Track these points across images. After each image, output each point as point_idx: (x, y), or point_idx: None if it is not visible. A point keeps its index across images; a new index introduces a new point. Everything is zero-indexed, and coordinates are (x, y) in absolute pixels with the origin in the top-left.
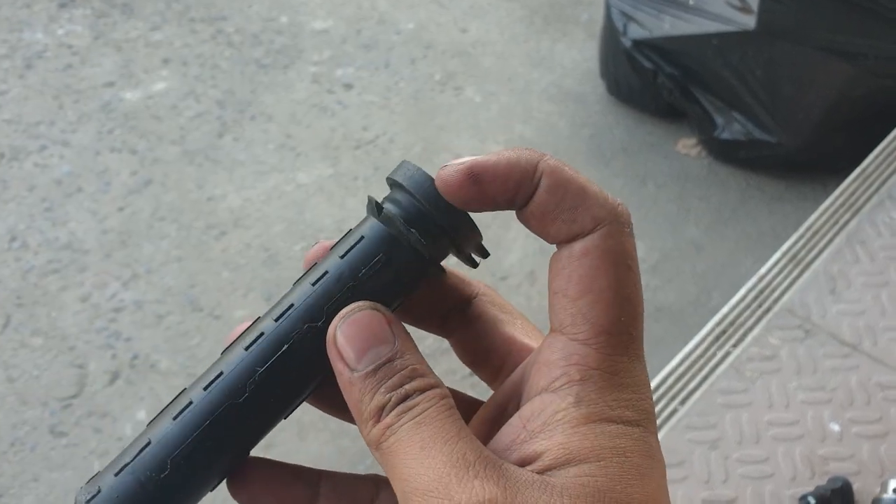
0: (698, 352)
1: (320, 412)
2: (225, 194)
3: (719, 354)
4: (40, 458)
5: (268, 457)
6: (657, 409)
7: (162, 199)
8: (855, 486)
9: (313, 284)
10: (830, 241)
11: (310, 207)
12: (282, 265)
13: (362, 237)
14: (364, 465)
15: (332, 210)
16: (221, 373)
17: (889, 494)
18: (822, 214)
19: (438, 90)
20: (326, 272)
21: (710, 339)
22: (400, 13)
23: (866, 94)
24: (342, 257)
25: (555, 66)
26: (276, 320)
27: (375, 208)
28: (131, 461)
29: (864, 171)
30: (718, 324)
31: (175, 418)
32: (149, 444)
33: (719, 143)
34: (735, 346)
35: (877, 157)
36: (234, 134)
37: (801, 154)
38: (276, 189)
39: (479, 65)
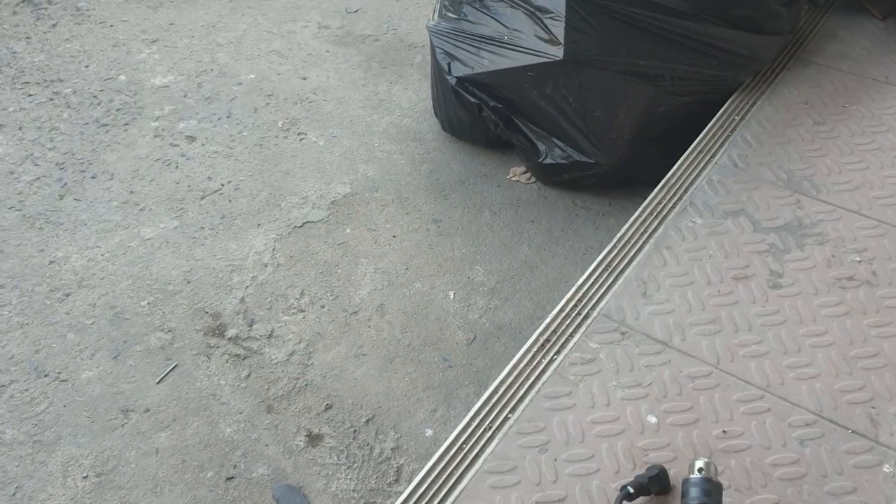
0: (525, 361)
1: (175, 466)
2: (68, 256)
3: (544, 362)
4: None
5: None
6: (490, 418)
7: (1, 267)
8: (672, 472)
9: None
10: (640, 248)
11: (156, 261)
12: (129, 321)
13: None
14: None
15: (178, 262)
16: None
17: (695, 474)
18: (632, 224)
19: (282, 136)
20: None
21: (535, 348)
22: (240, 65)
23: (668, 110)
24: None
25: (393, 107)
26: None
27: None
28: None
29: (668, 181)
30: (542, 333)
31: None
32: None
33: (544, 168)
34: (558, 352)
35: (679, 167)
36: (76, 195)
37: (618, 171)
38: (121, 246)
39: (320, 110)
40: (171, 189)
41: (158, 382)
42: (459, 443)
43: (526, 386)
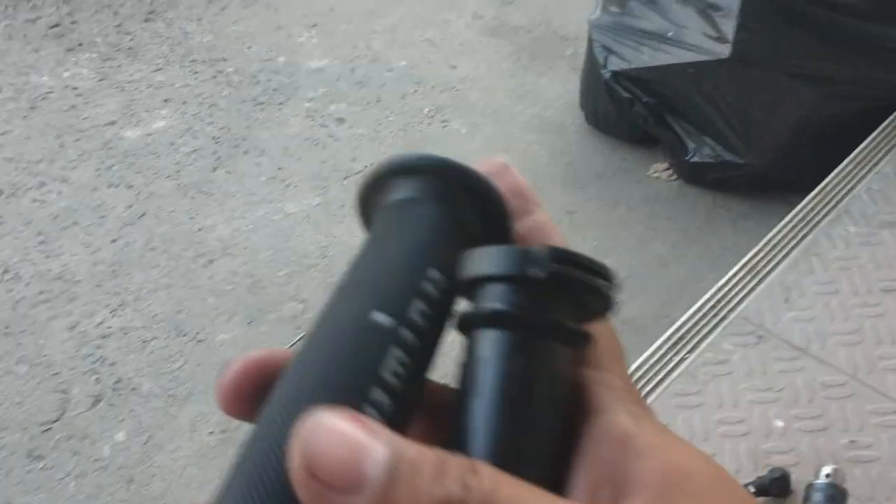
0: (655, 358)
1: None
2: (215, 225)
3: (675, 360)
4: (15, 482)
5: None
6: None
7: (154, 231)
8: (793, 476)
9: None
10: (788, 253)
11: (296, 235)
12: (266, 290)
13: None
14: None
15: (317, 237)
16: None
17: (821, 479)
18: (780, 229)
19: (427, 123)
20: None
21: (667, 345)
22: (393, 52)
23: (831, 115)
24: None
25: (538, 98)
26: None
27: (478, 317)
28: None
29: (824, 188)
30: (676, 331)
31: None
32: None
33: (690, 166)
34: (690, 351)
35: (837, 174)
36: (228, 168)
37: (767, 173)
38: (265, 218)
39: (466, 99)
40: (316, 168)
41: (290, 347)
42: None
43: (654, 382)
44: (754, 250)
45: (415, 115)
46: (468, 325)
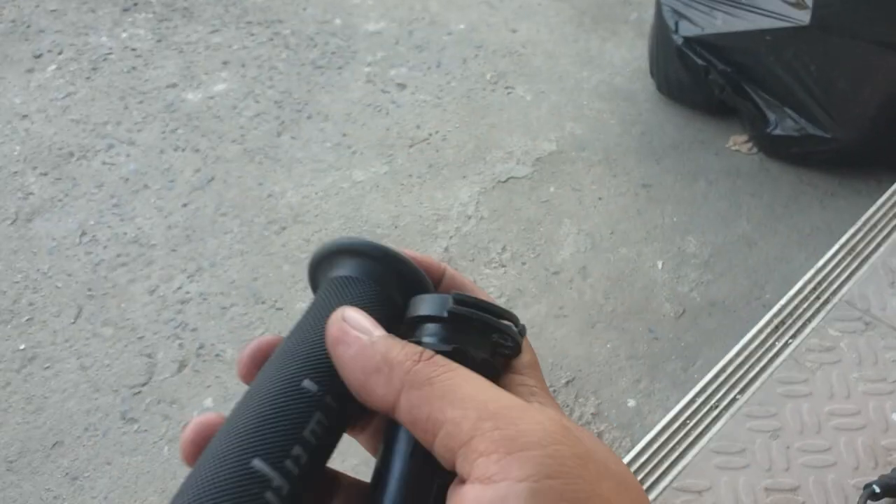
0: (756, 343)
1: None
2: (284, 191)
3: (778, 345)
4: (112, 442)
5: None
6: (717, 398)
7: (224, 196)
8: None
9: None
10: (888, 234)
11: (366, 204)
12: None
13: (395, 446)
14: None
15: (387, 206)
16: None
17: None
18: (879, 208)
19: (490, 89)
20: (376, 489)
21: (767, 329)
22: (451, 14)
23: None
24: (385, 470)
25: (604, 64)
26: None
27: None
28: None
29: None
30: (776, 315)
31: None
32: None
33: (771, 139)
34: (793, 337)
35: None
36: (292, 133)
37: (855, 149)
38: (334, 186)
39: (529, 64)
40: (381, 134)
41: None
42: (683, 418)
43: (757, 368)
44: (852, 230)
45: (477, 80)
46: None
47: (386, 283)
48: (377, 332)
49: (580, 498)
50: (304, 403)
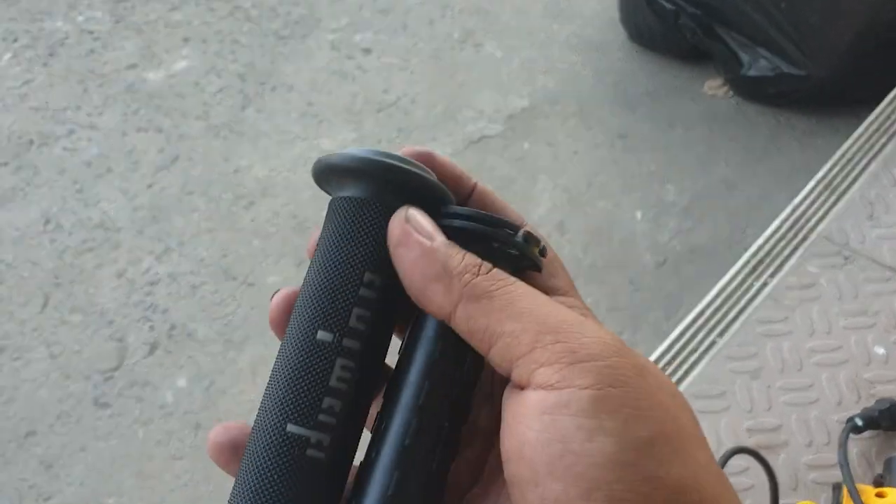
0: (734, 284)
1: None
2: (251, 165)
3: (756, 285)
4: (87, 428)
5: None
6: (695, 342)
7: (190, 174)
8: None
9: (396, 390)
10: (866, 167)
11: None
12: (311, 231)
13: (421, 332)
14: None
15: None
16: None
17: None
18: (855, 141)
19: (458, 48)
20: (402, 375)
21: (746, 270)
22: None
23: (895, 17)
24: (409, 356)
25: (574, 16)
26: (381, 438)
27: None
28: None
29: None
30: (754, 255)
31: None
32: None
33: (746, 81)
34: (772, 276)
35: None
36: (257, 106)
37: (831, 86)
38: (301, 157)
39: (497, 20)
40: (348, 101)
41: None
42: (662, 364)
43: (736, 310)
44: (828, 165)
45: (445, 40)
46: None
47: (399, 202)
48: (439, 237)
49: (641, 406)
50: (322, 355)
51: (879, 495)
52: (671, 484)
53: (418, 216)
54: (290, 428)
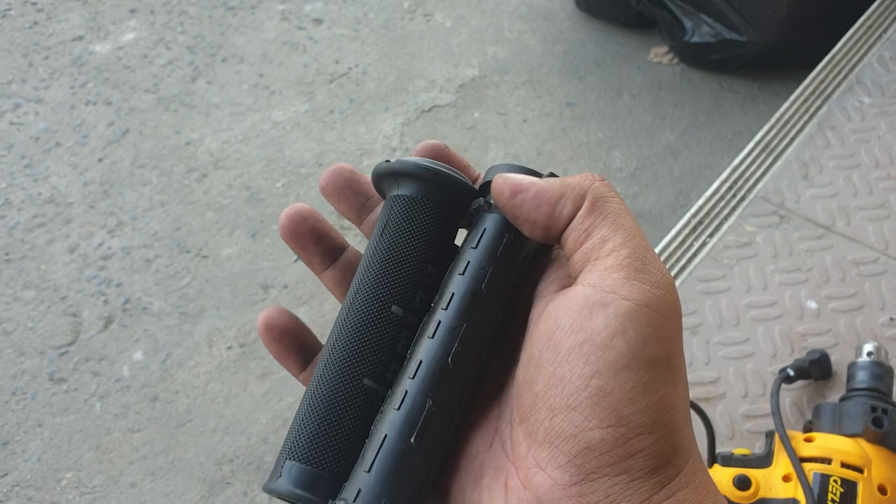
0: (675, 244)
1: None
2: (203, 138)
3: (696, 245)
4: (42, 404)
5: (266, 383)
6: None
7: (141, 147)
8: (833, 357)
9: (462, 274)
10: (802, 129)
11: (288, 144)
12: (265, 202)
13: (485, 228)
14: None
15: (310, 145)
16: (421, 362)
17: (863, 357)
18: (792, 104)
19: (408, 18)
20: (469, 262)
21: (686, 231)
22: None
23: None
24: (475, 247)
25: None
26: (445, 308)
27: (486, 206)
28: (377, 455)
29: (832, 59)
30: (694, 215)
31: (398, 408)
32: (385, 437)
33: (690, 47)
34: (711, 235)
35: (844, 44)
36: (207, 78)
37: (772, 51)
38: (254, 128)
39: None
40: (299, 72)
41: (295, 261)
42: None
43: (677, 269)
44: (766, 127)
45: (395, 10)
46: (479, 210)
47: (447, 206)
48: (535, 179)
49: (661, 334)
50: (394, 326)
51: (808, 440)
52: (655, 400)
53: (509, 174)
54: (367, 382)
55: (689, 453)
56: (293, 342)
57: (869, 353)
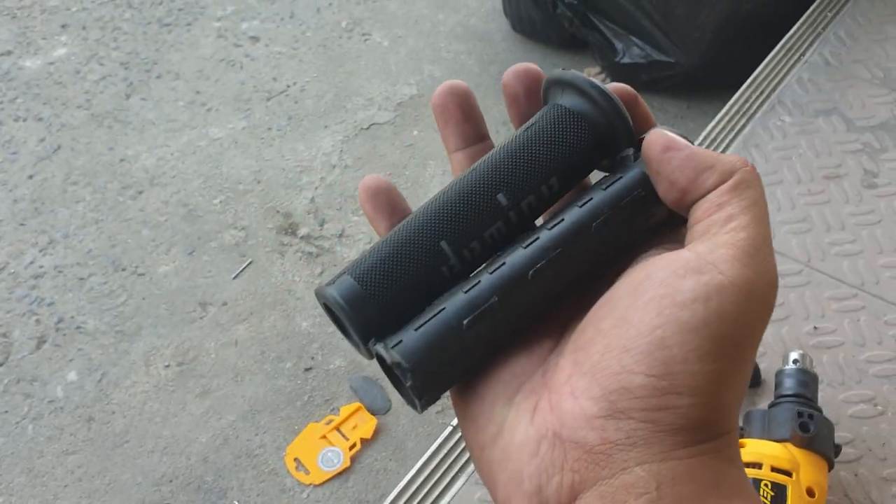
0: None
1: (254, 356)
2: (138, 154)
3: None
4: None
5: (206, 401)
6: None
7: (73, 164)
8: (762, 366)
9: (580, 206)
10: (727, 147)
11: (225, 161)
12: (202, 219)
13: (621, 177)
14: (301, 401)
15: (248, 162)
16: (504, 262)
17: (790, 365)
18: (718, 122)
19: (346, 37)
20: (591, 199)
21: None
22: None
23: (755, 7)
24: (604, 189)
25: (459, 6)
26: (550, 229)
27: (632, 157)
28: (428, 321)
29: (755, 80)
30: None
31: (466, 292)
32: (443, 309)
33: (622, 68)
34: None
35: (766, 66)
36: (142, 94)
37: (699, 72)
38: (190, 145)
39: (384, 10)
40: (236, 89)
41: (234, 278)
42: None
43: None
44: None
45: (332, 28)
46: (624, 160)
47: (601, 131)
48: (691, 143)
49: (740, 317)
50: (492, 211)
51: (739, 446)
52: (709, 370)
53: (669, 132)
54: (443, 245)
55: (725, 430)
56: (386, 201)
57: (795, 361)
